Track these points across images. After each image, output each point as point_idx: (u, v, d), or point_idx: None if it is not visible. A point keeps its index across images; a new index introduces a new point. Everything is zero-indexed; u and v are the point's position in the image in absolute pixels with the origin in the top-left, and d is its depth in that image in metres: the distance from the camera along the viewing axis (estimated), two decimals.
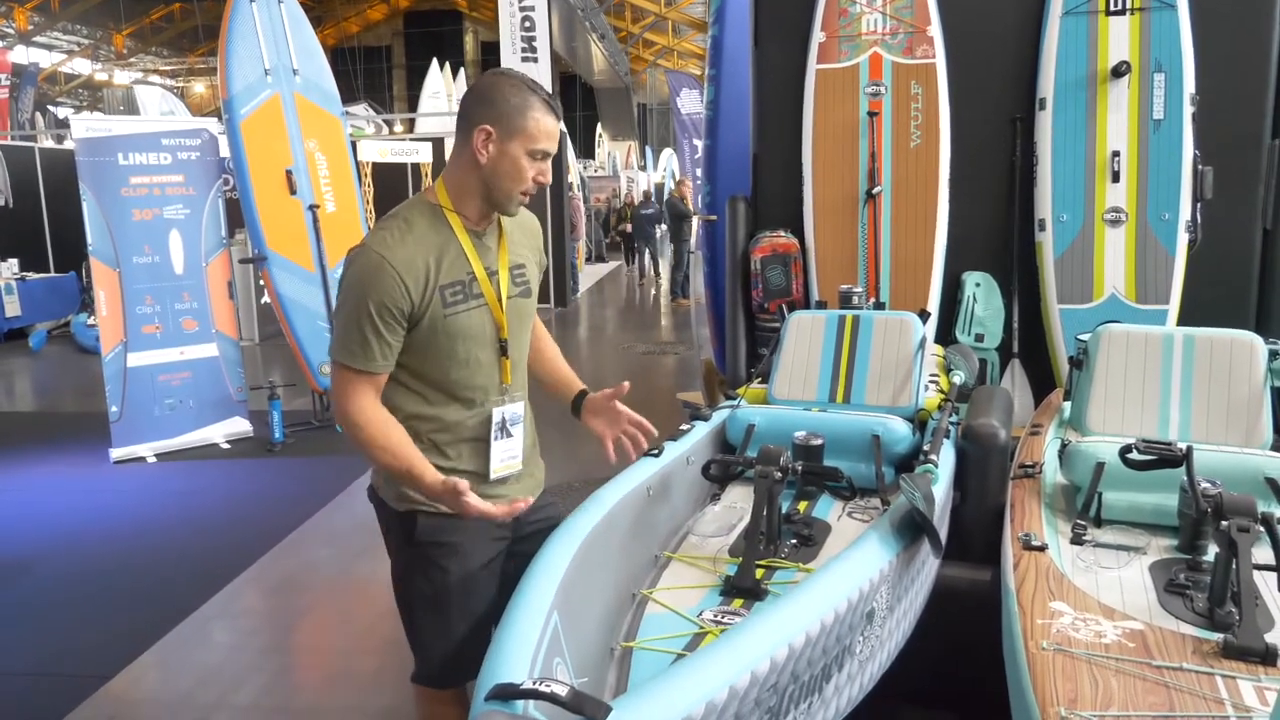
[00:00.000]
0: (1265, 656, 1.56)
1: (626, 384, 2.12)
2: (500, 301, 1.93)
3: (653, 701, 1.22)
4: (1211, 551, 1.91)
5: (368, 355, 1.80)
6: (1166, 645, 1.65)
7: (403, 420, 1.88)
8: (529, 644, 1.40)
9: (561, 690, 1.16)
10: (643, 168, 26.86)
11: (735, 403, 2.94)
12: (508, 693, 1.20)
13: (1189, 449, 1.98)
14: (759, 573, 2.02)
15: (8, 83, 17.14)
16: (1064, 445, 2.44)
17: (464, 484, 1.74)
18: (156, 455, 5.87)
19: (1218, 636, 1.64)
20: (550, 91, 1.92)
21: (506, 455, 2.00)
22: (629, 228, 17.98)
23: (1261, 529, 1.76)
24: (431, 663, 1.98)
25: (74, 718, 2.99)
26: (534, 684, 1.19)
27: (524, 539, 2.03)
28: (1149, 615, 1.78)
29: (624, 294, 14.88)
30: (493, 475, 1.98)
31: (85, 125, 5.55)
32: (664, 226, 15.91)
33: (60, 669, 3.31)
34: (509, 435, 2.00)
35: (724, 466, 2.42)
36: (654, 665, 1.71)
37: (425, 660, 1.99)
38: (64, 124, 16.38)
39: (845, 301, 3.35)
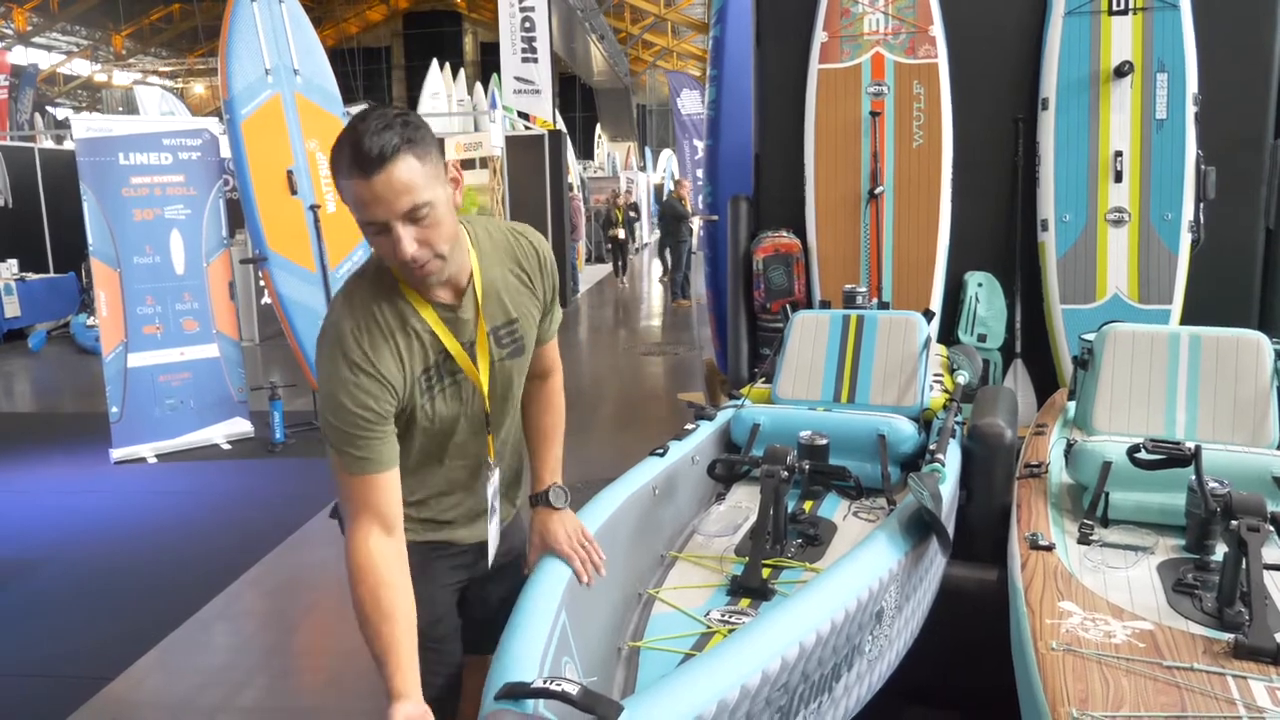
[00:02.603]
0: (1277, 657, 1.56)
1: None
2: (480, 376, 1.68)
3: (664, 700, 1.21)
4: (1220, 551, 1.91)
5: (370, 460, 1.53)
6: (1177, 645, 1.64)
7: None
8: (538, 643, 1.39)
9: (573, 689, 1.15)
10: (642, 169, 26.86)
11: (739, 402, 2.93)
12: (518, 692, 1.19)
13: (1197, 448, 1.98)
14: (765, 572, 2.02)
15: (7, 83, 17.13)
16: (1070, 445, 2.44)
17: None
18: (157, 455, 5.86)
19: (1228, 636, 1.64)
20: (378, 129, 1.39)
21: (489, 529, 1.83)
22: (621, 233, 16.11)
23: (1271, 528, 1.76)
24: None
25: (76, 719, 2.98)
26: (545, 683, 1.18)
27: (488, 579, 1.89)
28: (1158, 615, 1.77)
29: (624, 295, 14.86)
30: (446, 536, 1.80)
31: (86, 125, 5.54)
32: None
33: (62, 670, 3.29)
34: (492, 513, 1.82)
35: (729, 466, 2.41)
36: (662, 664, 1.70)
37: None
38: (63, 124, 16.37)
39: (849, 301, 3.35)
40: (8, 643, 3.53)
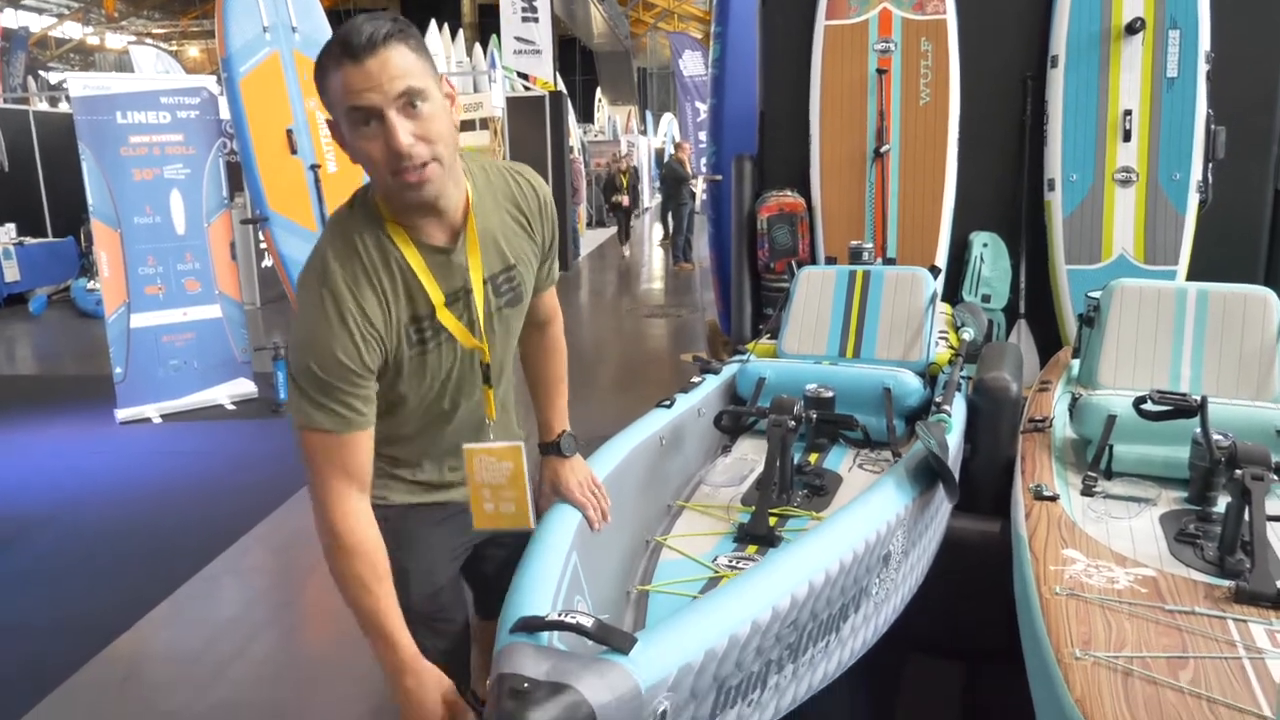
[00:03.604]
0: (1277, 601, 1.58)
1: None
2: (475, 328, 1.56)
3: (676, 634, 1.23)
4: (1221, 503, 1.92)
5: (341, 416, 1.41)
6: (1178, 590, 1.66)
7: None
8: (551, 580, 1.41)
9: (587, 621, 1.17)
10: (643, 132, 26.67)
11: (745, 357, 2.94)
12: (533, 624, 1.21)
13: (1203, 399, 1.98)
14: (772, 521, 2.03)
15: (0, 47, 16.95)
16: (1074, 399, 2.45)
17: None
18: (162, 416, 5.88)
19: (1228, 583, 1.66)
20: (368, 20, 1.31)
21: (495, 504, 1.67)
22: (625, 200, 15.11)
23: (1275, 478, 1.77)
24: None
25: (87, 671, 3.01)
26: (559, 615, 1.20)
27: (492, 540, 1.79)
28: (1160, 563, 1.79)
29: (626, 259, 14.82)
30: (475, 526, 1.68)
31: (82, 83, 5.49)
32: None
33: (71, 625, 3.33)
34: (494, 481, 1.66)
35: (735, 418, 2.43)
36: (670, 607, 1.72)
37: None
38: (57, 87, 16.22)
39: (855, 257, 3.34)
40: (17, 599, 3.57)
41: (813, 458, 2.49)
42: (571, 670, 1.11)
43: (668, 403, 2.38)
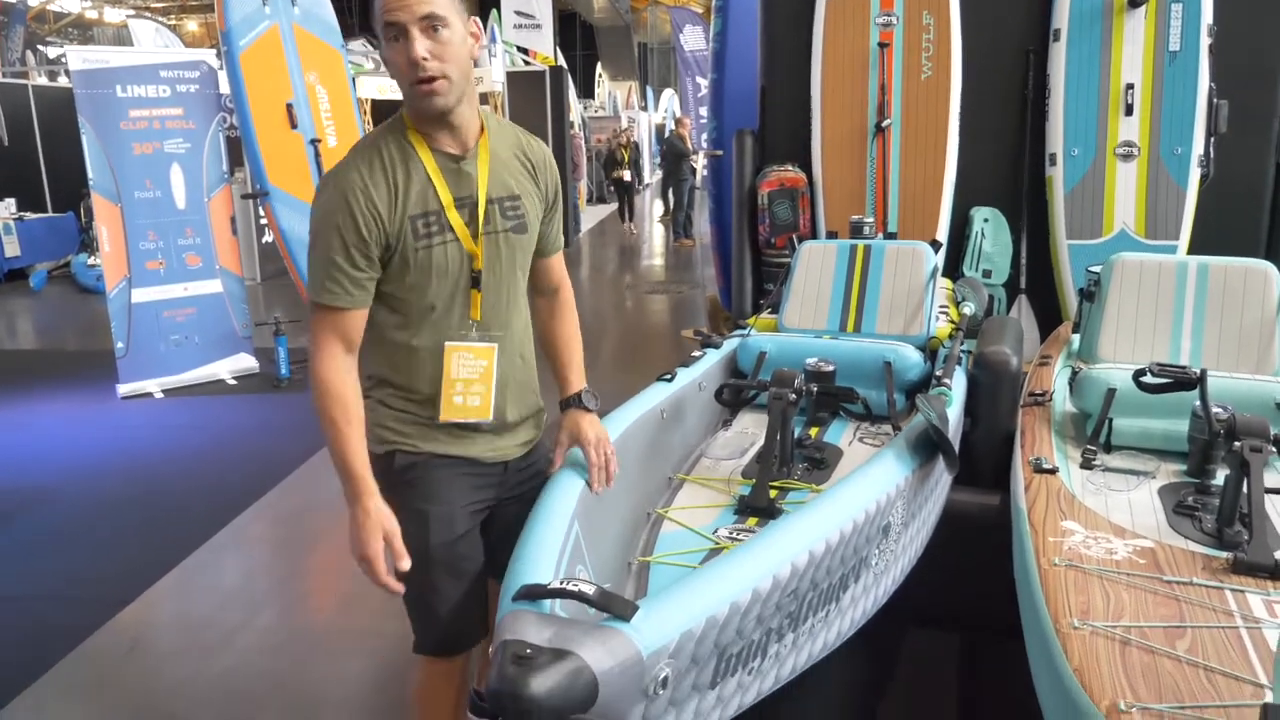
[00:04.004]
0: (1274, 572, 1.59)
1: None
2: (475, 234, 1.74)
3: (677, 601, 1.24)
4: (1220, 476, 1.93)
5: (335, 290, 1.65)
6: (1176, 562, 1.67)
7: (377, 343, 1.77)
8: (553, 549, 1.42)
9: (589, 589, 1.18)
10: (643, 108, 26.53)
11: (746, 331, 2.94)
12: (536, 592, 1.22)
13: (1203, 372, 1.99)
14: (772, 493, 2.05)
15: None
16: (1074, 373, 2.45)
17: (380, 549, 1.64)
18: (163, 391, 5.89)
19: (1226, 554, 1.67)
20: None
21: (464, 397, 1.78)
22: (626, 174, 14.75)
23: (1274, 449, 1.78)
24: (424, 625, 1.84)
25: (96, 639, 3.05)
26: (561, 584, 1.21)
27: (515, 498, 1.88)
28: (1158, 534, 1.80)
29: (626, 235, 14.79)
30: (441, 418, 1.77)
31: (82, 57, 5.46)
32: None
33: (79, 594, 3.37)
34: (467, 376, 1.79)
35: (736, 391, 2.43)
36: (671, 579, 1.73)
37: (418, 622, 1.85)
38: (56, 61, 16.13)
39: (857, 232, 3.34)
40: (25, 569, 3.60)
41: (813, 431, 2.50)
42: (574, 637, 1.13)
43: (668, 376, 2.39)
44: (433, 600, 1.80)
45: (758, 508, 1.99)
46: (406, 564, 1.66)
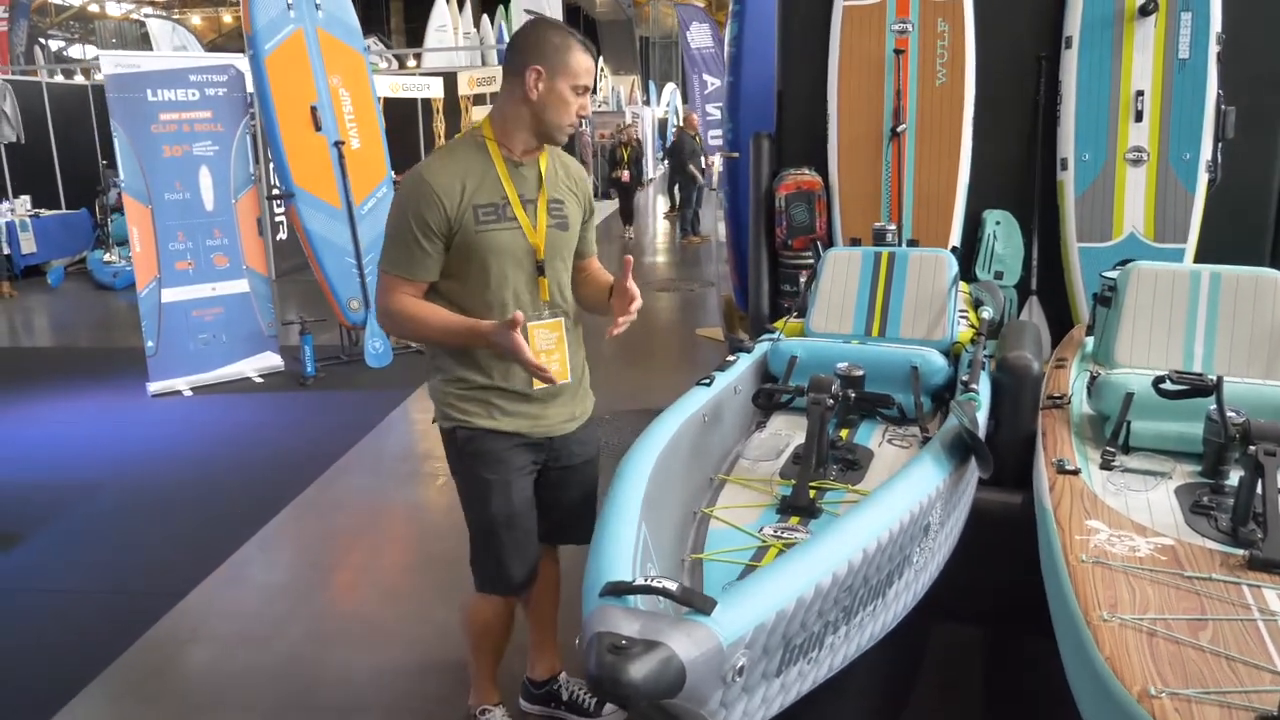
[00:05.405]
0: None
1: (630, 258, 2.30)
2: (535, 226, 2.17)
3: (750, 597, 1.36)
4: (1234, 476, 2.03)
5: (409, 263, 2.09)
6: (1195, 558, 1.78)
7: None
8: (628, 550, 1.54)
9: (672, 585, 1.30)
10: (646, 102, 26.56)
11: (775, 336, 3.06)
12: (621, 588, 1.34)
13: (1219, 379, 2.10)
14: (811, 493, 2.16)
15: (6, 15, 16.83)
16: (1092, 377, 2.56)
17: (518, 315, 2.00)
18: (192, 389, 6.02)
19: (1242, 551, 1.78)
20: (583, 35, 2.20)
21: (546, 353, 2.21)
22: (626, 175, 14.22)
23: None
24: (486, 569, 2.31)
25: (158, 630, 3.18)
26: (646, 580, 1.33)
27: (562, 468, 2.35)
28: (1177, 533, 1.90)
29: (632, 231, 14.86)
30: (535, 386, 2.19)
31: (114, 61, 5.58)
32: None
33: (134, 588, 3.49)
34: (546, 348, 2.22)
35: (770, 395, 2.55)
36: (723, 574, 1.86)
37: (482, 567, 2.32)
38: (63, 59, 16.17)
39: (879, 239, 3.45)
40: (78, 561, 3.73)
41: (844, 434, 2.62)
42: (662, 629, 1.25)
43: (707, 381, 2.50)
44: (497, 550, 2.26)
45: (799, 507, 2.11)
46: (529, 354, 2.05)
